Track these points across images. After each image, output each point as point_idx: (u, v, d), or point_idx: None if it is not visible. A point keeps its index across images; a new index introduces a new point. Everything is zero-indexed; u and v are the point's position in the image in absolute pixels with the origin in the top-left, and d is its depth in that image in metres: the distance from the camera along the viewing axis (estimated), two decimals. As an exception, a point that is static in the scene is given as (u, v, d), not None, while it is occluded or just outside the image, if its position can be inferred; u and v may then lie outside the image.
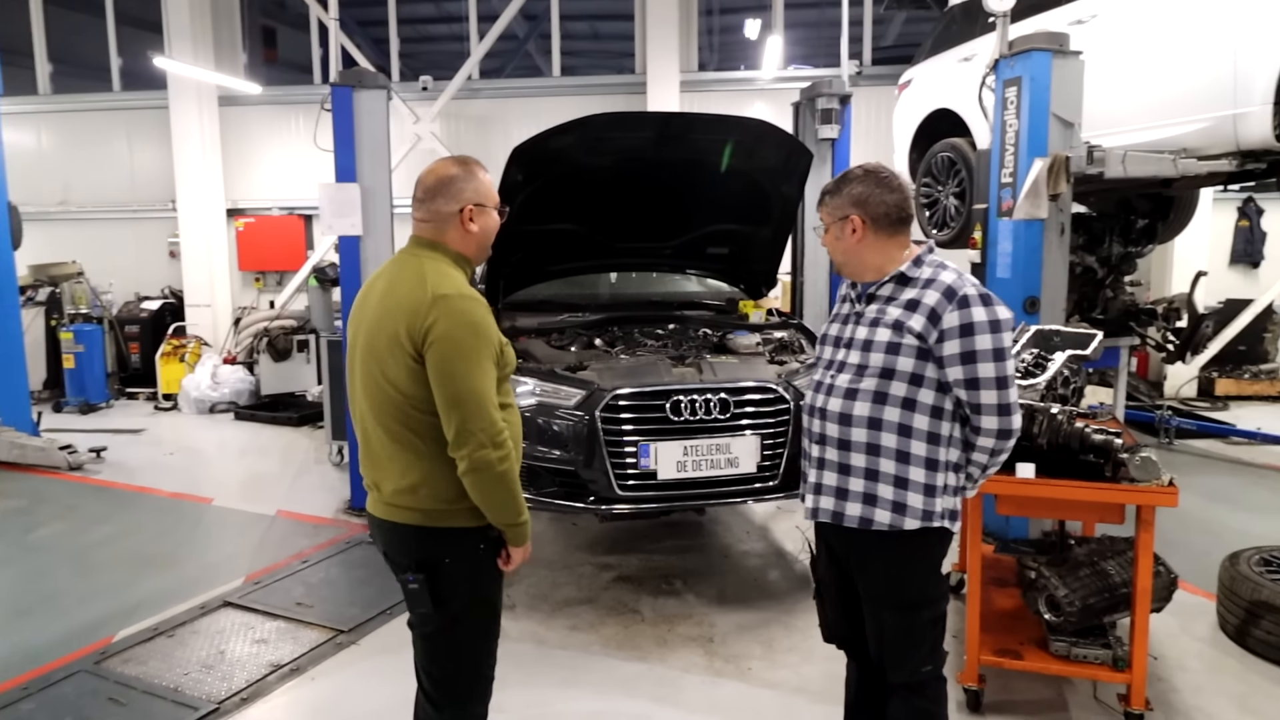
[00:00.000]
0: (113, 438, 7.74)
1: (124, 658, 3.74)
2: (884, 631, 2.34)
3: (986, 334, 2.11)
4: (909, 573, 2.29)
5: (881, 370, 2.20)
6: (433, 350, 2.02)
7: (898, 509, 2.21)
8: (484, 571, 2.21)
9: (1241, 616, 3.69)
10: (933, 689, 2.36)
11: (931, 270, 2.22)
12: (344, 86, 5.36)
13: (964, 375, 2.14)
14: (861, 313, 2.30)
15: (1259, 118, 4.06)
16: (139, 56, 11.16)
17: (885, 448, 2.21)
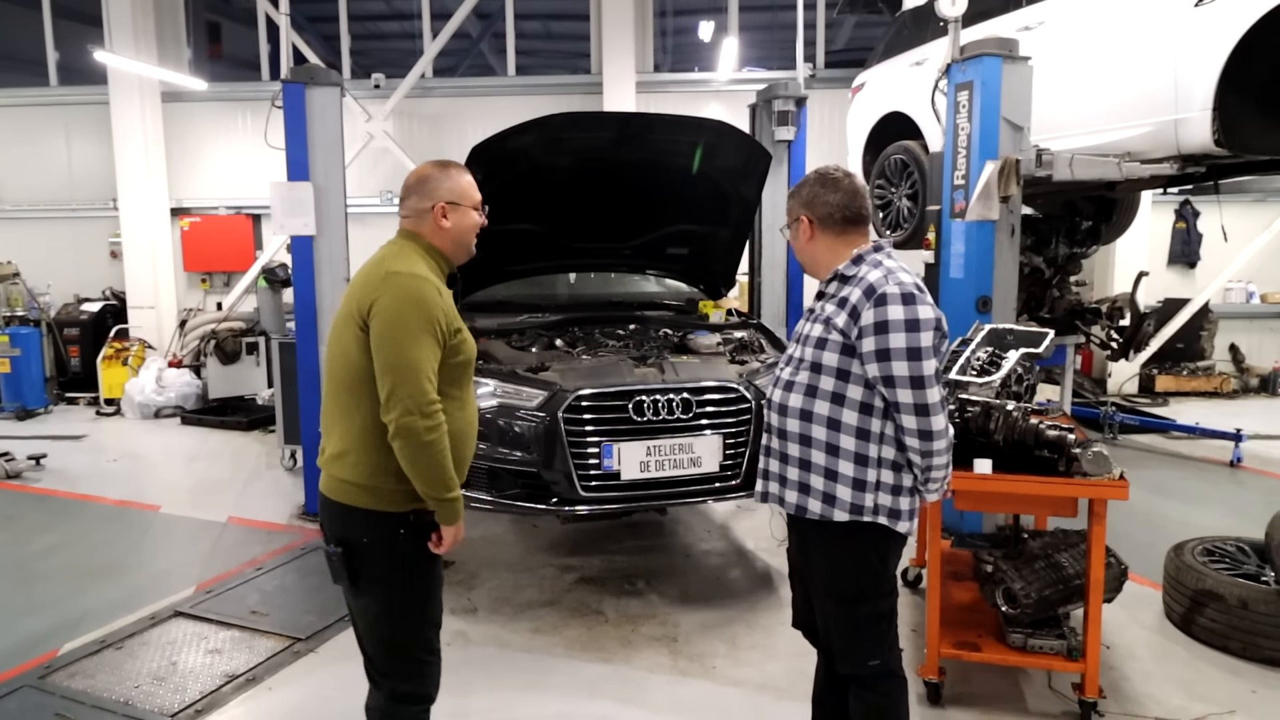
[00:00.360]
0: (52, 444, 7.47)
1: (70, 671, 3.61)
2: (826, 622, 2.42)
3: (901, 332, 2.13)
4: (845, 565, 2.34)
5: (811, 364, 2.28)
6: (375, 320, 2.14)
7: (828, 500, 2.28)
8: (405, 556, 2.27)
9: (1187, 605, 3.82)
10: (885, 684, 2.40)
11: (866, 269, 2.27)
12: (296, 83, 5.25)
13: (880, 373, 2.18)
14: (813, 309, 2.39)
15: (1199, 123, 4.21)
16: (77, 51, 10.80)
17: (816, 439, 2.28)
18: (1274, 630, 3.54)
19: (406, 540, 2.25)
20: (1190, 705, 3.29)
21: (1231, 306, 10.07)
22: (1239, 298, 10.12)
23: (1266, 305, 10.19)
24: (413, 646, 2.35)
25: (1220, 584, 3.70)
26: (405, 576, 2.29)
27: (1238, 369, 9.97)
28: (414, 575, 2.31)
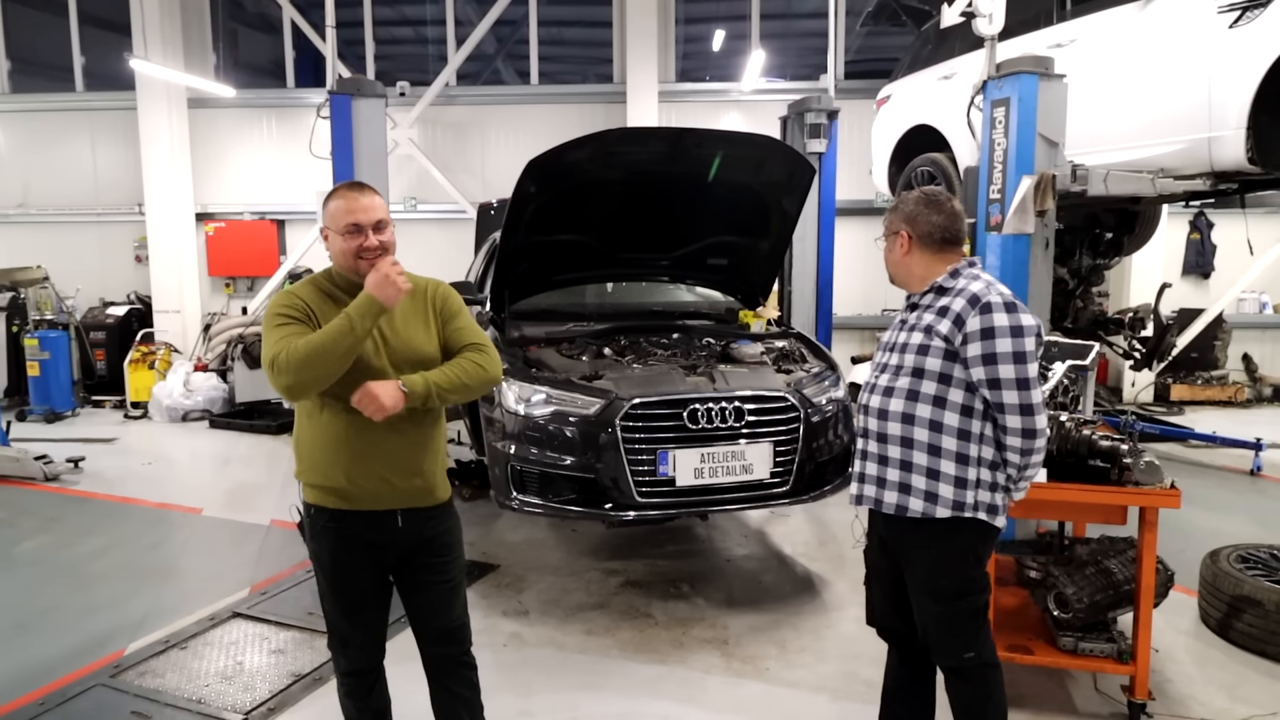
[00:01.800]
0: (85, 447, 7.56)
1: (139, 670, 3.70)
2: (924, 618, 2.53)
3: (1007, 338, 2.28)
4: (945, 562, 2.45)
5: (913, 370, 2.42)
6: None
7: (929, 498, 2.41)
8: (310, 537, 2.52)
9: (1224, 611, 3.92)
10: (979, 675, 2.51)
11: (965, 281, 2.42)
12: (343, 95, 5.37)
13: (986, 376, 2.32)
14: (906, 319, 2.53)
15: (1233, 141, 4.34)
16: (102, 57, 10.92)
17: (918, 441, 2.42)
18: (1312, 635, 3.65)
19: (310, 526, 2.50)
20: (1233, 707, 3.39)
21: (1245, 316, 10.19)
22: (1252, 308, 10.25)
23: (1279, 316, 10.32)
24: (326, 617, 2.61)
25: (1258, 590, 3.81)
26: (312, 556, 2.55)
27: (1251, 378, 10.08)
28: (317, 558, 2.53)
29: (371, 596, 2.56)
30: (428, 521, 2.52)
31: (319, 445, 2.40)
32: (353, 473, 2.39)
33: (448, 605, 2.61)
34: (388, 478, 2.41)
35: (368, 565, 2.49)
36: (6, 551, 5.21)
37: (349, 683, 2.65)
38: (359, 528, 2.44)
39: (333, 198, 2.42)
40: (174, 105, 10.08)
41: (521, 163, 4.14)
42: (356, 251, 2.34)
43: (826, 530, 5.51)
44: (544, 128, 10.19)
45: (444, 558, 2.57)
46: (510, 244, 4.55)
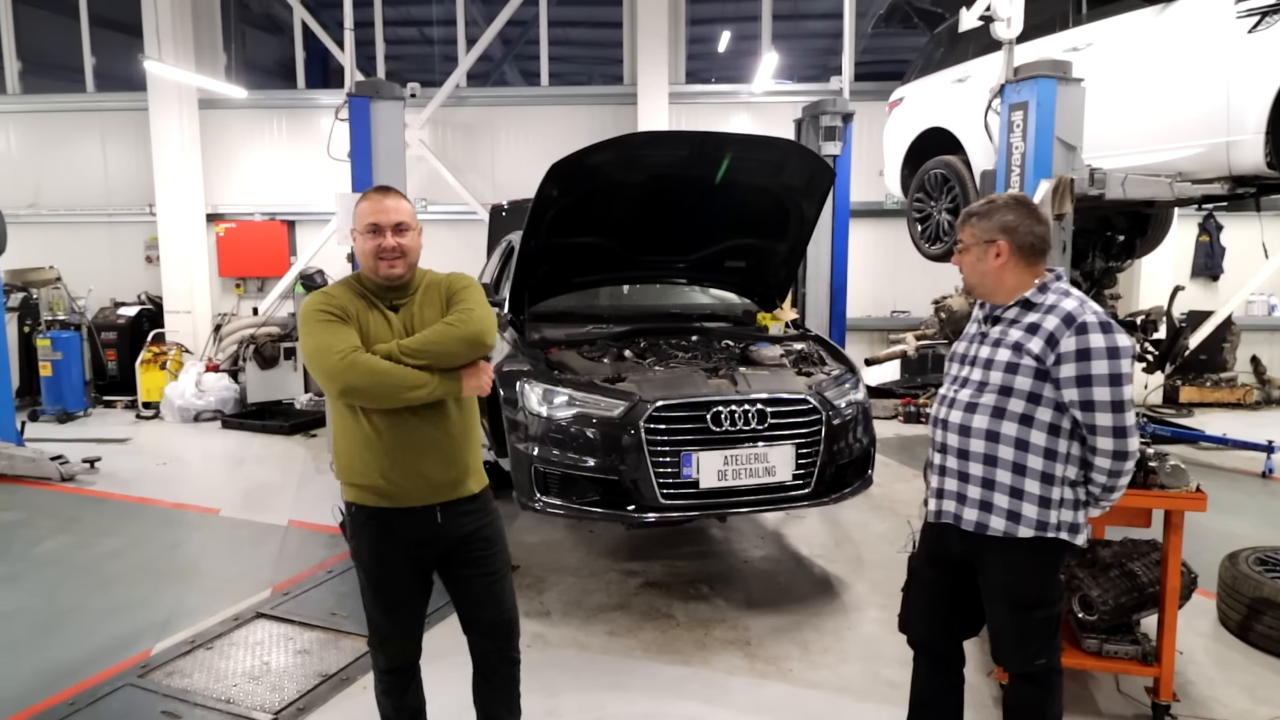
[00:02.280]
0: (98, 447, 7.59)
1: (167, 670, 3.73)
2: (999, 626, 2.51)
3: (1103, 359, 2.24)
4: (1023, 577, 2.44)
5: (1000, 387, 2.37)
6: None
7: (1012, 517, 2.38)
8: (351, 536, 2.59)
9: (1244, 613, 3.94)
10: (1046, 679, 2.52)
11: (1055, 297, 2.36)
12: (362, 97, 5.40)
13: (1079, 397, 2.28)
14: (986, 333, 2.47)
15: (1252, 145, 4.35)
16: (113, 57, 10.95)
17: (1002, 459, 2.38)
18: (1333, 637, 3.67)
19: (349, 524, 2.56)
20: (1255, 709, 3.41)
21: (1253, 319, 10.21)
22: (1261, 310, 10.28)
23: (1288, 317, 10.34)
24: (366, 615, 2.64)
25: (1278, 592, 3.83)
26: (354, 555, 2.59)
27: (1259, 381, 10.10)
28: (359, 556, 2.57)
29: (411, 594, 2.60)
30: (466, 516, 2.57)
31: (355, 444, 2.45)
32: (388, 470, 2.43)
33: (495, 598, 2.66)
34: (423, 472, 2.46)
35: (408, 562, 2.54)
36: (26, 552, 5.23)
37: (387, 680, 2.69)
38: (399, 524, 2.49)
39: (361, 200, 2.50)
40: (185, 106, 10.12)
41: (532, 164, 4.18)
42: (375, 252, 2.42)
43: (842, 531, 5.53)
44: (554, 129, 10.24)
45: (486, 551, 2.62)
46: (531, 246, 4.57)
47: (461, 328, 2.41)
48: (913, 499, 6.17)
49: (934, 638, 2.69)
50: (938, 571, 2.64)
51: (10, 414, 7.11)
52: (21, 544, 5.35)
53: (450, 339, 2.39)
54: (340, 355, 2.28)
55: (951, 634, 2.69)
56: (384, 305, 2.48)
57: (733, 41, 11.27)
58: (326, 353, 2.29)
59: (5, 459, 6.71)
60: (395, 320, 2.47)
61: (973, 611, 2.65)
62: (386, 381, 2.30)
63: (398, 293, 2.50)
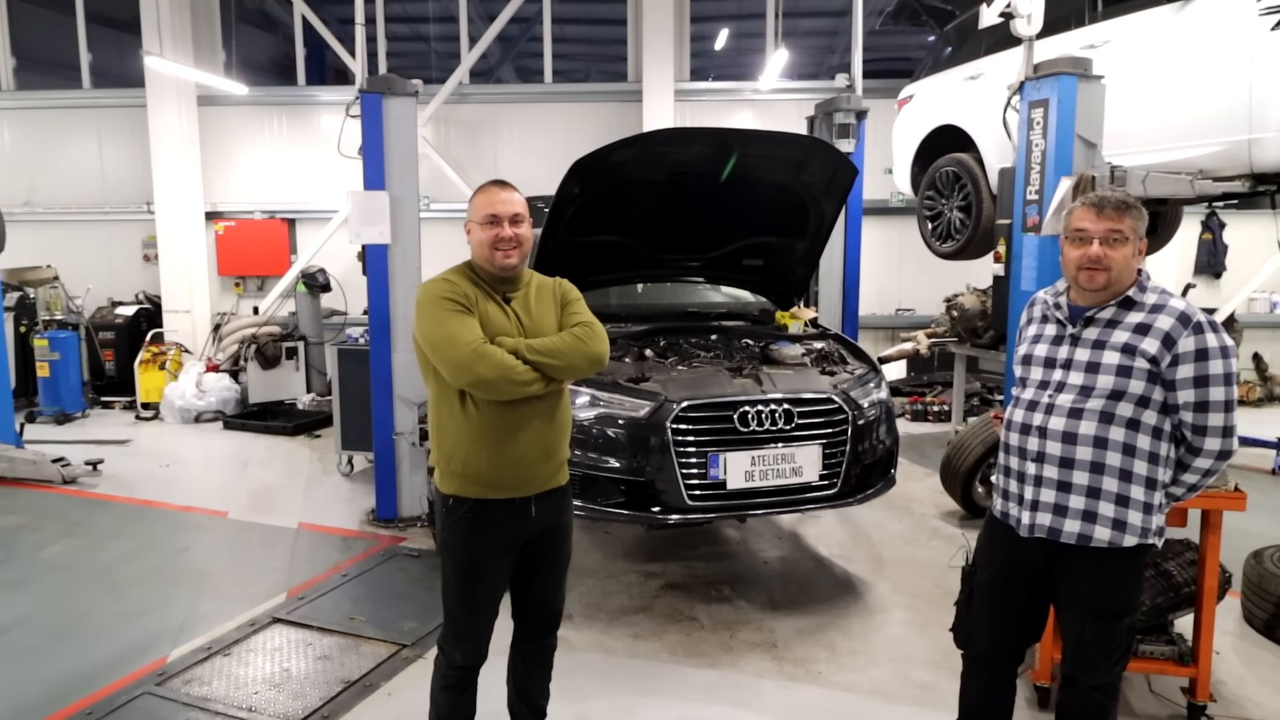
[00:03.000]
0: (99, 449, 7.49)
1: (185, 678, 3.66)
2: (1083, 638, 2.42)
3: (1219, 359, 2.22)
4: (1116, 585, 2.39)
5: (1111, 392, 2.30)
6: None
7: (1118, 526, 2.32)
8: (441, 530, 2.64)
9: (1271, 611, 3.93)
10: (1113, 690, 2.49)
11: (1158, 296, 2.32)
12: (374, 93, 5.31)
13: (1195, 398, 2.25)
14: (1078, 335, 2.38)
15: (1274, 142, 4.34)
16: (109, 54, 10.83)
17: (1110, 466, 2.32)
18: (1363, 636, 3.66)
19: (446, 514, 2.58)
20: (1289, 709, 3.40)
21: (1256, 316, 10.23)
22: (1263, 308, 10.30)
23: (1289, 315, 10.37)
24: (447, 608, 2.66)
25: (1307, 591, 3.82)
26: (446, 545, 2.62)
27: (1261, 378, 10.12)
28: (451, 547, 2.61)
29: (495, 589, 2.64)
30: (555, 508, 2.66)
31: (462, 434, 2.49)
32: (494, 460, 2.49)
33: (556, 589, 2.78)
34: (527, 463, 2.53)
35: (500, 555, 2.59)
36: (32, 557, 5.14)
37: (454, 675, 2.69)
38: (497, 514, 2.54)
39: (478, 193, 2.59)
40: (184, 102, 10.00)
41: (535, 161, 4.15)
42: (492, 241, 2.50)
43: (859, 531, 5.50)
44: (558, 126, 10.17)
45: (562, 545, 2.74)
46: (550, 244, 4.51)
47: (591, 345, 2.54)
48: (927, 498, 6.15)
49: (1000, 653, 2.63)
50: (1013, 588, 2.54)
51: (9, 415, 7.00)
52: (26, 549, 5.26)
53: (577, 353, 2.50)
54: (471, 347, 2.35)
55: (1019, 647, 2.64)
56: (499, 296, 2.55)
57: (733, 39, 11.22)
58: (456, 343, 2.36)
59: (5, 461, 6.61)
60: (510, 311, 2.55)
61: (1038, 622, 2.61)
62: (511, 376, 2.38)
63: (510, 284, 2.59)
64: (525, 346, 2.44)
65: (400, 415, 5.50)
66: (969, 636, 2.69)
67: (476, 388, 2.40)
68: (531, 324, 2.56)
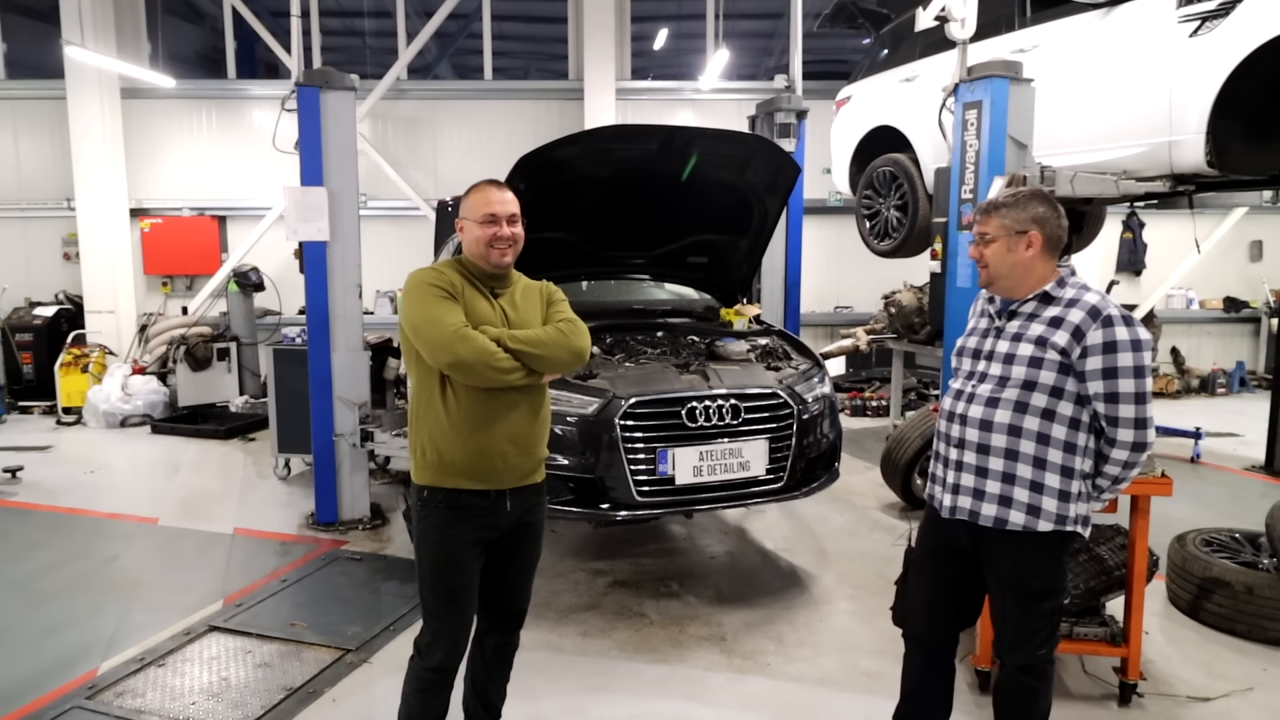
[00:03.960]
0: (18, 456, 7.13)
1: (117, 690, 3.52)
2: (1006, 618, 2.52)
3: (1129, 352, 2.28)
4: (1036, 570, 2.46)
5: (1024, 382, 2.38)
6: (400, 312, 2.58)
7: (1032, 511, 2.39)
8: (418, 522, 2.62)
9: (1194, 593, 4.11)
10: (1043, 669, 2.56)
11: (1075, 291, 2.40)
12: (311, 87, 5.18)
13: (1104, 390, 2.31)
14: (1002, 328, 2.47)
15: (1193, 145, 4.53)
16: (24, 44, 10.34)
17: (1023, 454, 2.40)
18: (1278, 613, 3.85)
19: (421, 508, 2.57)
20: (1212, 684, 3.56)
21: (1174, 312, 10.73)
22: (1180, 304, 10.80)
23: (1205, 311, 10.90)
24: (426, 604, 2.64)
25: (1227, 571, 4.00)
26: (420, 540, 2.61)
27: (1179, 371, 10.61)
28: (425, 540, 2.59)
29: (470, 582, 2.62)
30: (529, 504, 2.67)
31: (439, 423, 2.50)
32: (469, 448, 2.49)
33: (524, 586, 2.79)
34: (505, 456, 2.53)
35: (473, 546, 2.57)
36: (-53, 569, 4.88)
37: (431, 678, 2.66)
38: (471, 506, 2.54)
39: (473, 192, 2.61)
40: (106, 95, 9.59)
41: (475, 158, 4.12)
42: (490, 240, 2.53)
43: (803, 525, 5.59)
44: (498, 124, 10.08)
45: (535, 540, 2.75)
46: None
47: (574, 339, 2.58)
48: (869, 491, 6.27)
49: (934, 631, 2.72)
50: (942, 566, 2.65)
51: (-80, 422, 6.64)
52: (-59, 561, 4.99)
53: (560, 345, 2.54)
54: (453, 329, 2.39)
55: (950, 626, 2.71)
56: (487, 290, 2.58)
57: (673, 39, 11.28)
58: (439, 324, 2.40)
59: (-85, 470, 6.27)
60: (497, 305, 2.58)
61: (972, 604, 2.68)
62: (491, 362, 2.40)
63: (499, 281, 2.62)
64: (508, 336, 2.47)
65: (340, 416, 5.38)
66: (905, 615, 2.79)
67: (456, 370, 2.41)
68: (517, 318, 2.59)
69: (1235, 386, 10.38)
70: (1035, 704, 2.58)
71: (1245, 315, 10.89)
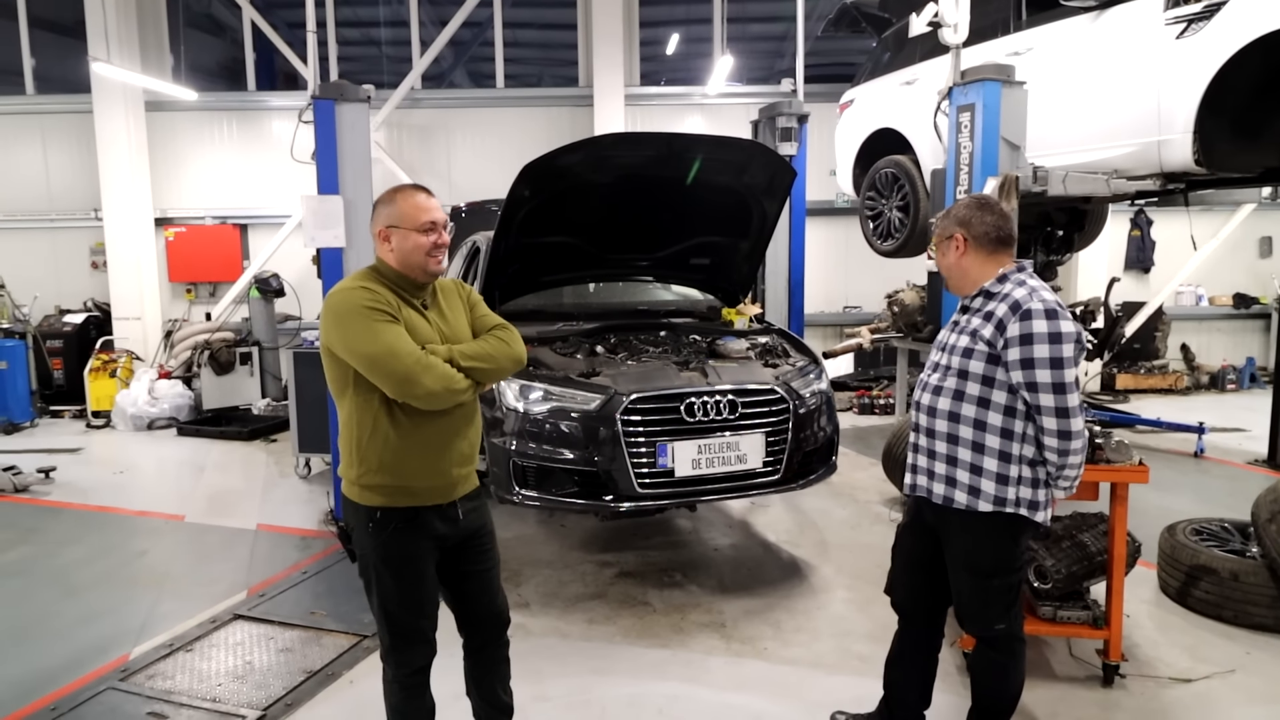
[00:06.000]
0: (49, 458, 7.41)
1: (148, 673, 3.73)
2: (960, 590, 2.72)
3: (1045, 344, 2.42)
4: (983, 548, 2.63)
5: (959, 372, 2.60)
6: (324, 336, 2.42)
7: (973, 492, 2.58)
8: (372, 544, 2.51)
9: (1182, 580, 4.22)
10: (1006, 644, 2.71)
11: (1011, 286, 2.55)
12: (327, 99, 5.40)
13: (1024, 379, 2.47)
14: (958, 321, 2.68)
15: (1181, 144, 4.64)
16: (53, 59, 10.68)
17: (963, 438, 2.59)
18: (1262, 599, 3.96)
19: (374, 531, 2.48)
20: (1195, 666, 3.68)
21: (1183, 309, 10.76)
22: (1189, 300, 10.83)
23: (1214, 307, 10.92)
24: (392, 628, 2.58)
25: (1213, 559, 4.12)
26: (381, 561, 2.51)
27: (1189, 367, 10.64)
28: (387, 561, 2.51)
29: (435, 591, 2.63)
30: (475, 510, 2.65)
31: (393, 447, 2.43)
32: (429, 469, 2.48)
33: (495, 589, 2.76)
34: (448, 469, 2.52)
35: (431, 553, 2.56)
36: (-13, 563, 5.13)
37: (413, 681, 2.66)
38: (429, 522, 2.51)
39: (401, 198, 2.49)
40: (131, 108, 9.90)
41: (488, 165, 4.28)
42: (429, 249, 2.46)
43: (806, 518, 5.73)
44: (510, 131, 10.29)
45: (490, 544, 2.72)
46: (501, 246, 4.66)
47: (515, 347, 2.57)
48: (871, 486, 6.40)
49: (911, 599, 2.92)
50: (916, 539, 2.85)
51: (-43, 425, 6.93)
52: (-19, 555, 5.24)
53: (505, 355, 2.53)
54: (414, 359, 2.31)
55: (924, 597, 2.88)
56: (416, 302, 2.51)
57: (683, 44, 11.45)
58: (398, 355, 2.30)
59: (-47, 471, 6.55)
60: (431, 319, 2.52)
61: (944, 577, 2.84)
62: (452, 386, 2.37)
63: (423, 291, 2.54)
64: (458, 353, 2.43)
65: (358, 415, 5.57)
66: (892, 584, 3.00)
67: (419, 400, 2.35)
68: (449, 330, 2.54)
69: (1245, 382, 10.40)
70: (1005, 680, 2.74)
71: (1255, 311, 10.91)
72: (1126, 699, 3.44)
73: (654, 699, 3.49)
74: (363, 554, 2.55)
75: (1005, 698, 2.76)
